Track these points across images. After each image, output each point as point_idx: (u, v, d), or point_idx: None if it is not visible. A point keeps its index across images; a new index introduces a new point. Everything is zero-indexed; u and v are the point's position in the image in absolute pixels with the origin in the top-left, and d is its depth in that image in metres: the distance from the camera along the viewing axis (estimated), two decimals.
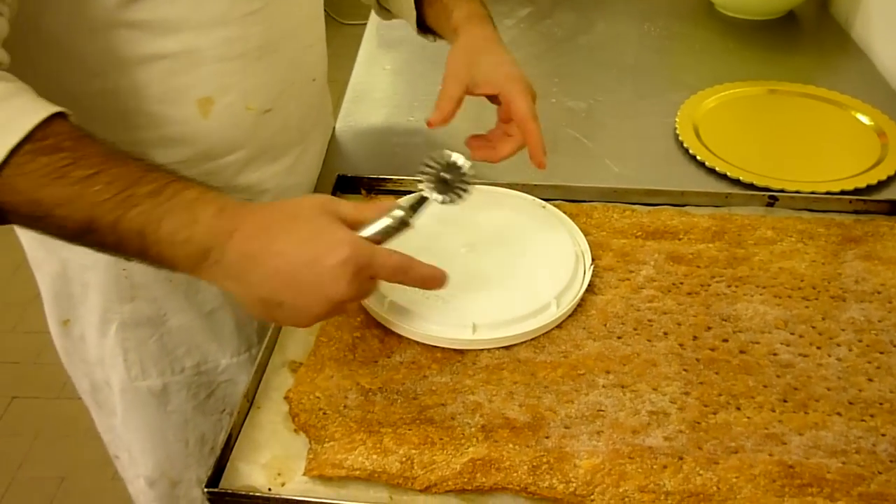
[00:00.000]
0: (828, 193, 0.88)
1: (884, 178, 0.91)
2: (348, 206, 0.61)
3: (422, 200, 0.65)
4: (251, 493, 0.59)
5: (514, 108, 0.76)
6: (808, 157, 0.97)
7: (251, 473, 0.61)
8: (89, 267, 0.82)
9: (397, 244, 0.77)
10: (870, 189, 0.90)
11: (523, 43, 1.25)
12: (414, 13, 0.88)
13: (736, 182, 0.92)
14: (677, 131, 1.00)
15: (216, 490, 0.59)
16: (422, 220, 0.80)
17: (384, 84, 1.10)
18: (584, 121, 1.05)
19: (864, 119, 1.02)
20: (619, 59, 1.21)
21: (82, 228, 0.56)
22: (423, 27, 0.90)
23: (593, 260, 0.77)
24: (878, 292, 0.74)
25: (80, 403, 0.99)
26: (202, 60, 0.73)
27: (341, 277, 0.56)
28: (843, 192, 0.88)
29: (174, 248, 0.56)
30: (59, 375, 1.04)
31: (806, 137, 1.02)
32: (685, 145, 0.98)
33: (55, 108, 0.56)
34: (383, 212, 0.62)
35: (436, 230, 0.77)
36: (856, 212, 0.84)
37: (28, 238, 0.85)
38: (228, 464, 0.61)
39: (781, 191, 0.88)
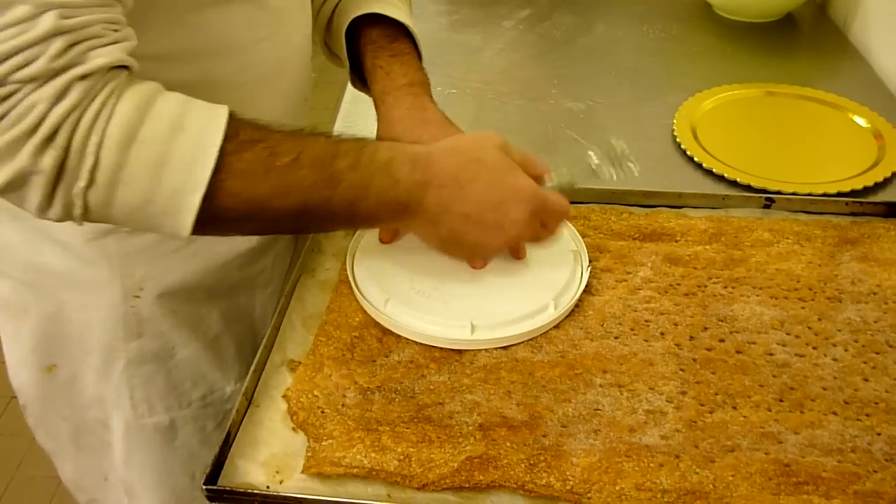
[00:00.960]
0: (824, 195, 0.88)
1: (880, 179, 0.91)
2: (516, 151, 0.69)
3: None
4: (249, 491, 0.59)
5: None
6: (805, 158, 0.98)
7: (250, 471, 0.61)
8: (92, 307, 0.80)
9: (395, 245, 0.78)
10: (866, 191, 0.90)
11: (522, 45, 1.26)
12: (347, 64, 0.86)
13: (733, 184, 0.92)
14: (675, 133, 1.01)
15: (214, 487, 0.59)
16: None
17: None
18: (583, 122, 1.06)
19: (861, 121, 1.03)
20: (618, 61, 1.21)
21: (296, 215, 0.60)
22: (363, 80, 0.85)
23: (591, 261, 0.77)
24: (874, 293, 0.74)
25: None
26: (218, 87, 0.71)
27: (520, 220, 0.66)
28: (839, 194, 0.89)
29: (380, 209, 0.63)
30: None
31: (803, 139, 1.02)
32: (683, 147, 0.98)
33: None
34: (545, 167, 0.72)
35: None
36: (852, 214, 0.84)
37: (13, 283, 0.81)
38: (227, 461, 0.62)
39: (778, 192, 0.89)
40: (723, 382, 0.66)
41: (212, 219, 0.57)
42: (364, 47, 0.82)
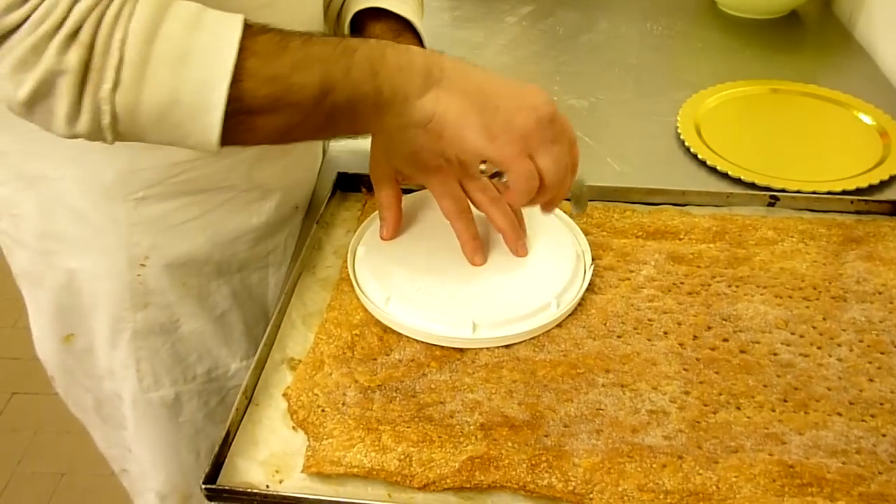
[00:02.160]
0: (829, 193, 0.88)
1: (886, 177, 0.91)
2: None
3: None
4: (249, 490, 0.59)
5: (443, 204, 0.74)
6: (810, 156, 0.97)
7: (249, 470, 0.61)
8: (101, 276, 0.81)
9: (397, 243, 0.77)
10: (871, 189, 0.90)
11: (525, 41, 1.25)
12: None
13: (737, 181, 0.91)
14: (679, 130, 1.00)
15: (214, 487, 0.59)
16: (424, 219, 0.80)
17: None
18: (586, 119, 1.05)
19: (867, 119, 1.02)
20: (621, 58, 1.20)
21: (321, 89, 0.58)
22: None
23: (593, 259, 0.77)
24: (880, 293, 0.74)
25: None
26: None
27: (539, 94, 0.64)
28: (844, 192, 0.88)
29: (402, 73, 0.60)
30: None
31: (808, 137, 1.02)
32: (686, 144, 0.98)
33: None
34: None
35: (437, 229, 0.77)
36: (857, 212, 0.84)
37: (29, 253, 0.83)
38: (226, 460, 0.61)
39: (783, 190, 0.88)
40: (726, 382, 0.66)
41: (238, 113, 0.56)
42: None
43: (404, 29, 0.81)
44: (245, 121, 0.57)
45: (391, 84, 0.60)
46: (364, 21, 0.82)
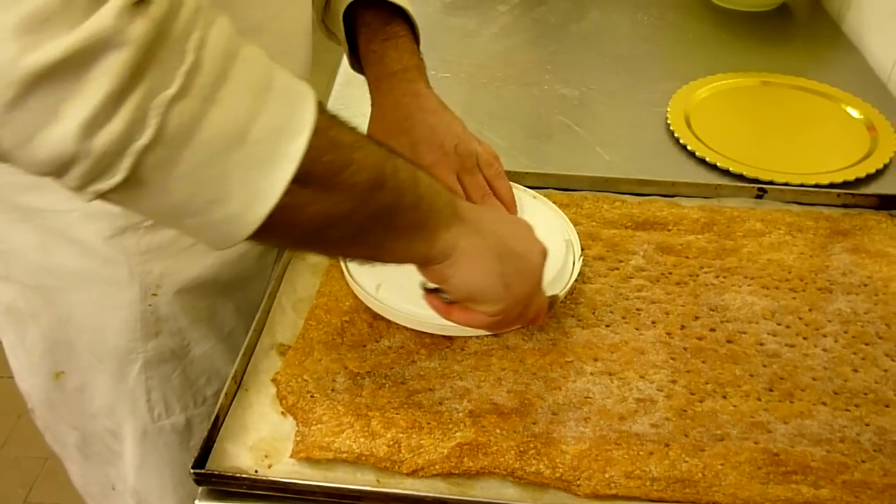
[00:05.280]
0: (816, 186, 0.88)
1: (872, 171, 0.92)
2: None
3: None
4: (238, 475, 0.59)
5: None
6: (798, 149, 0.98)
7: (238, 455, 0.61)
8: (108, 308, 0.77)
9: None
10: (858, 182, 0.90)
11: (516, 29, 1.25)
12: (346, 46, 0.82)
13: (726, 173, 0.92)
14: (668, 121, 1.01)
15: (203, 471, 0.59)
16: None
17: None
18: (577, 108, 1.05)
19: (854, 112, 1.03)
20: (612, 48, 1.21)
21: (376, 179, 0.50)
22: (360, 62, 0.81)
23: (583, 249, 0.77)
24: (865, 285, 0.75)
25: None
26: None
27: (531, 228, 0.63)
28: (831, 185, 0.89)
29: (436, 197, 0.55)
30: None
31: (796, 130, 1.02)
32: (676, 135, 0.98)
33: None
34: None
35: None
36: (844, 205, 0.84)
37: (21, 288, 0.78)
38: (215, 445, 0.61)
39: (771, 182, 0.89)
40: (713, 372, 0.66)
41: (299, 185, 0.45)
42: (359, 29, 0.80)
43: (394, 16, 0.80)
44: (296, 198, 0.45)
45: (430, 202, 0.55)
46: (356, 9, 0.80)
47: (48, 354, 0.81)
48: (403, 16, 0.80)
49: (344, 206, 0.49)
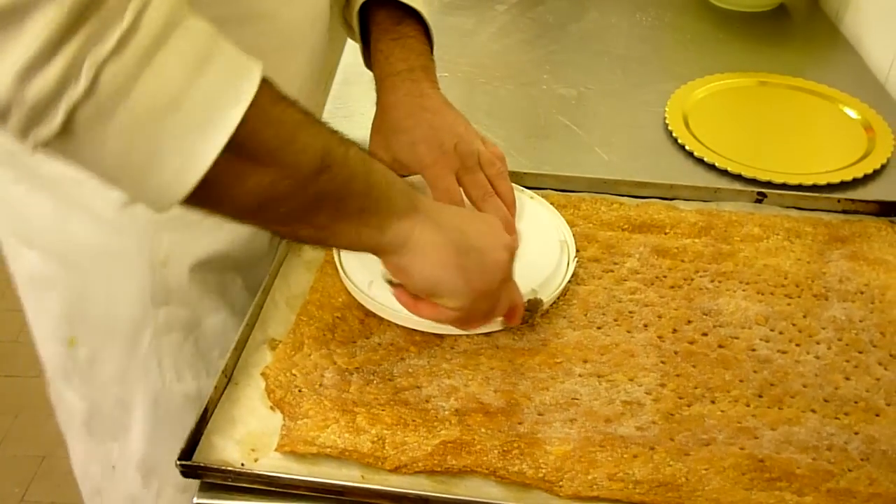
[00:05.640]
0: (814, 186, 0.88)
1: (869, 171, 0.91)
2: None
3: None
4: (224, 468, 0.59)
5: (437, 196, 0.73)
6: (796, 149, 0.97)
7: (225, 448, 0.61)
8: (120, 277, 0.79)
9: None
10: (855, 182, 0.90)
11: (514, 29, 1.25)
12: (359, 44, 0.83)
13: (723, 173, 0.92)
14: (666, 120, 1.00)
15: (189, 463, 0.59)
16: None
17: None
18: (575, 108, 1.05)
19: (852, 113, 1.02)
20: (611, 48, 1.21)
21: (322, 162, 0.51)
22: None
23: (578, 250, 0.77)
24: (862, 292, 0.74)
25: None
26: (246, 52, 0.68)
27: (500, 226, 0.64)
28: (828, 185, 0.89)
29: (389, 187, 0.57)
30: None
31: (794, 130, 1.02)
32: (674, 135, 0.98)
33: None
34: None
35: None
36: (844, 211, 0.84)
37: (41, 254, 0.80)
38: (203, 438, 0.62)
39: (768, 182, 0.88)
40: (703, 376, 0.66)
41: (231, 151, 0.46)
42: (371, 28, 0.81)
43: (406, 16, 0.80)
44: (230, 168, 0.47)
45: (383, 191, 0.56)
46: (370, 7, 0.81)
47: (63, 321, 0.83)
48: (417, 16, 0.80)
49: (284, 184, 0.50)
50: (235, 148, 0.46)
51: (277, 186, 0.50)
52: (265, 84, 0.48)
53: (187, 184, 0.46)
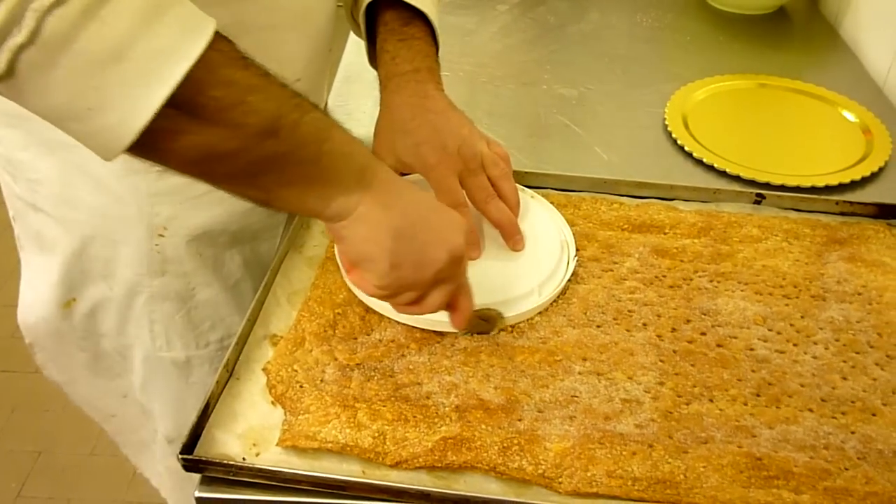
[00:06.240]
0: (812, 188, 0.89)
1: (867, 174, 0.92)
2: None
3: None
4: (225, 462, 0.59)
5: (440, 198, 0.73)
6: (795, 151, 0.98)
7: (227, 442, 0.62)
8: (119, 243, 0.81)
9: None
10: (853, 185, 0.90)
11: (515, 29, 1.26)
12: (366, 42, 0.84)
13: (722, 174, 0.92)
14: (666, 121, 1.01)
15: (191, 457, 0.60)
16: None
17: None
18: (575, 108, 1.06)
19: (850, 116, 1.03)
20: (611, 49, 1.21)
21: (270, 126, 0.52)
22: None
23: (578, 250, 0.77)
24: (859, 293, 0.75)
25: None
26: (247, 29, 0.63)
27: (459, 230, 0.62)
28: (826, 187, 0.89)
29: (343, 159, 0.57)
30: None
31: (793, 132, 1.03)
32: (674, 136, 0.98)
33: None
34: None
35: None
36: (842, 213, 0.84)
37: (43, 218, 0.82)
38: (205, 431, 0.62)
39: (767, 184, 0.89)
40: (701, 375, 0.66)
41: (175, 106, 0.47)
42: (378, 27, 0.81)
43: (414, 17, 0.80)
44: (175, 122, 0.48)
45: (335, 162, 0.56)
46: (378, 7, 0.81)
47: (63, 283, 0.85)
48: (424, 18, 0.80)
49: (228, 143, 0.51)
50: (179, 103, 0.47)
51: (219, 146, 0.51)
52: (221, 43, 0.49)
53: (128, 135, 0.47)
